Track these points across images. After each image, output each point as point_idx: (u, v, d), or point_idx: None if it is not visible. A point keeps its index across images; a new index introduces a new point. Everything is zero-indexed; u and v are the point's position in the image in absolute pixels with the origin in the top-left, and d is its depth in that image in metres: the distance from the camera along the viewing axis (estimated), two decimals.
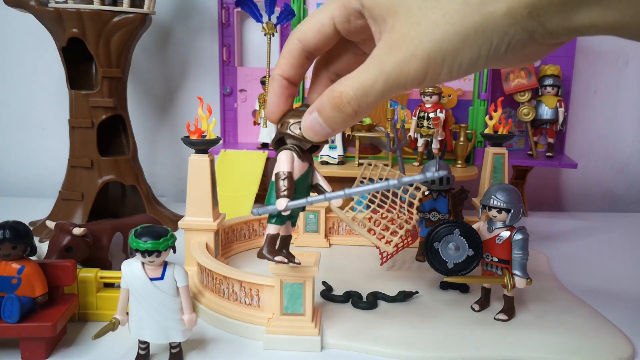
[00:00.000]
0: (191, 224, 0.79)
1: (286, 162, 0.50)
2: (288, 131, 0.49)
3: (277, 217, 0.53)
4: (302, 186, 0.52)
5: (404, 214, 0.76)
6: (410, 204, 0.76)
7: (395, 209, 0.76)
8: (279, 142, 0.51)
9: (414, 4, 0.36)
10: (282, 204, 0.48)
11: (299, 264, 0.58)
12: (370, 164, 0.85)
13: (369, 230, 0.72)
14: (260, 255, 0.55)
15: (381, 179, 0.77)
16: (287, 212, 0.51)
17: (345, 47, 0.47)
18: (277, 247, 0.57)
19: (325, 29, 0.43)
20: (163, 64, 1.28)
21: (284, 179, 0.49)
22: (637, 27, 0.32)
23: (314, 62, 0.49)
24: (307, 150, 0.52)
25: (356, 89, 0.39)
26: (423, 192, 0.73)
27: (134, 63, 1.13)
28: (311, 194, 0.54)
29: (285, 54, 0.46)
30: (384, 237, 0.70)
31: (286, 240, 0.57)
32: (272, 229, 0.54)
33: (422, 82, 0.38)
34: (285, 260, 0.56)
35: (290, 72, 0.47)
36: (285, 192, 0.49)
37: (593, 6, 0.32)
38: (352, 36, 0.44)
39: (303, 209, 0.56)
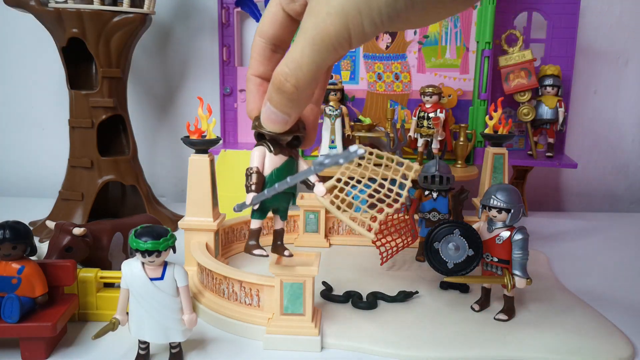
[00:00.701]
0: (191, 224, 0.79)
1: (255, 158, 0.53)
2: (259, 129, 0.50)
3: (257, 212, 0.56)
4: (283, 179, 0.53)
5: (389, 197, 0.73)
6: (402, 186, 0.73)
7: (379, 192, 0.73)
8: (259, 138, 0.54)
9: None
10: (248, 198, 0.52)
11: (290, 256, 0.60)
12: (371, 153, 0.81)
13: (352, 218, 0.70)
14: (245, 249, 0.58)
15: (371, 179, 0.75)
16: (256, 206, 0.54)
17: None
18: (273, 241, 0.60)
19: (277, 16, 0.45)
20: (163, 64, 1.28)
21: (250, 174, 0.53)
22: None
23: None
24: (288, 144, 0.54)
25: (289, 63, 0.40)
26: (416, 171, 0.71)
27: (134, 63, 1.13)
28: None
29: (253, 54, 0.48)
30: (364, 223, 0.68)
31: (277, 233, 0.60)
32: (253, 223, 0.58)
33: (350, 40, 0.38)
34: (265, 253, 0.58)
35: (261, 69, 0.48)
36: (252, 187, 0.53)
37: None
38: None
39: (293, 201, 0.58)
